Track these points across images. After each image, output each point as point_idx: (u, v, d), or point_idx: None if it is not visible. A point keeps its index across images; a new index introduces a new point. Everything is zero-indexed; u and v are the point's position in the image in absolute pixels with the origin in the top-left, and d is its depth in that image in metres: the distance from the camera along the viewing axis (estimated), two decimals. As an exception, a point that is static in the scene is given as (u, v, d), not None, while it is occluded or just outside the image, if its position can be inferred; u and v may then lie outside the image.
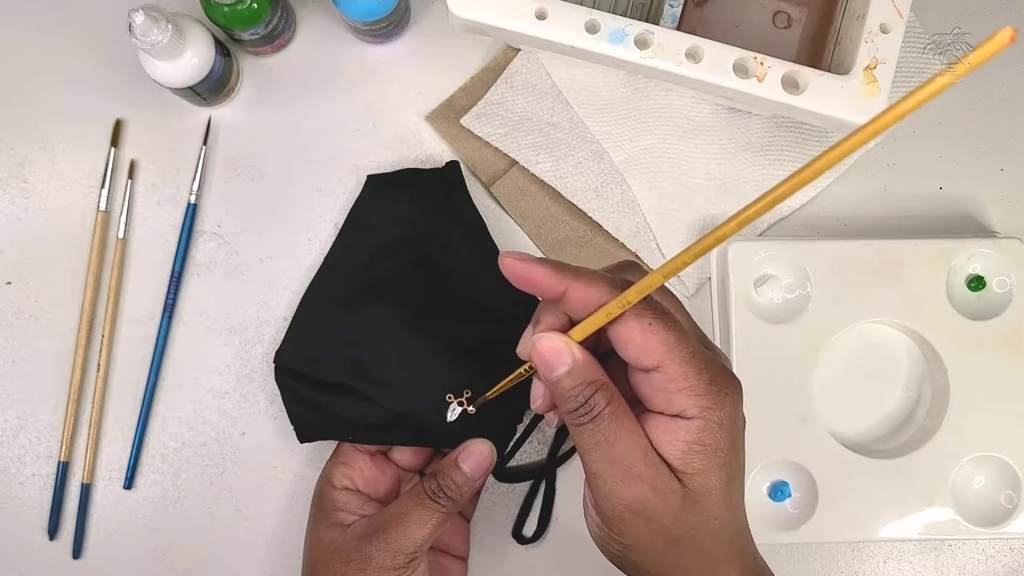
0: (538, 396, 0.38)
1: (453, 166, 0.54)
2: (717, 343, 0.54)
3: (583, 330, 0.35)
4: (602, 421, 0.34)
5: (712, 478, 0.34)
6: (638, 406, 0.35)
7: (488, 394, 0.43)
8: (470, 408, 0.47)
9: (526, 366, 0.39)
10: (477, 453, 0.45)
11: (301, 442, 0.50)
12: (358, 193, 0.53)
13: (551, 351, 0.35)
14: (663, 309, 0.34)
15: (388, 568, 0.42)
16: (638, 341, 0.33)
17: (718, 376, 0.34)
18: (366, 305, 0.50)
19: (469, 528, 0.52)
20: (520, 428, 0.52)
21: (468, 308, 0.51)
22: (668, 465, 0.34)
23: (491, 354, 0.44)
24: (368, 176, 0.53)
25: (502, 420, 0.50)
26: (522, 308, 0.53)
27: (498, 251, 0.53)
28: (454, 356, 0.48)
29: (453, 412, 0.48)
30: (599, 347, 0.37)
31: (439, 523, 0.43)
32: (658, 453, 0.34)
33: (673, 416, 0.34)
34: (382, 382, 0.48)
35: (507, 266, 0.35)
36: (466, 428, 0.47)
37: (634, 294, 0.32)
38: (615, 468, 0.34)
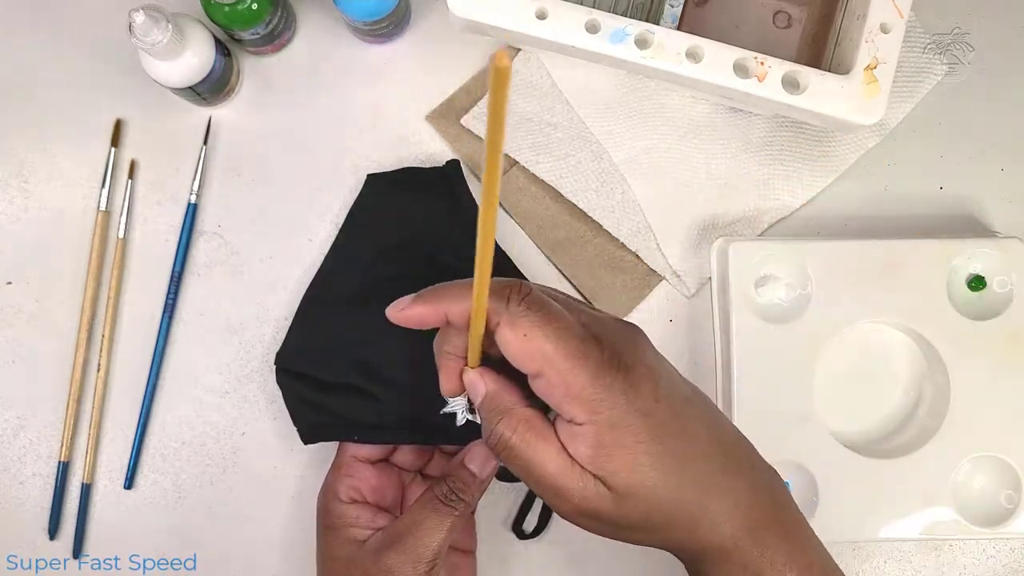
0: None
1: (454, 164, 0.54)
2: (717, 343, 0.54)
3: (473, 351, 0.36)
4: (513, 450, 0.35)
5: (631, 475, 0.34)
6: None
7: None
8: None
9: None
10: (482, 453, 0.45)
11: (306, 444, 0.49)
12: (358, 192, 0.53)
13: (469, 383, 0.37)
14: (544, 313, 0.34)
15: None
16: (516, 351, 0.34)
17: (601, 370, 0.33)
18: (369, 304, 0.50)
19: (475, 521, 0.52)
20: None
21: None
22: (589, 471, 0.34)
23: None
24: (368, 175, 0.53)
25: None
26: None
27: (501, 249, 0.53)
28: None
29: (463, 415, 0.47)
30: None
31: (454, 526, 0.43)
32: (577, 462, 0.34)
33: (568, 423, 0.34)
34: (391, 381, 0.48)
35: (394, 319, 0.37)
36: (476, 424, 0.47)
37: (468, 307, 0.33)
38: (542, 488, 0.35)
